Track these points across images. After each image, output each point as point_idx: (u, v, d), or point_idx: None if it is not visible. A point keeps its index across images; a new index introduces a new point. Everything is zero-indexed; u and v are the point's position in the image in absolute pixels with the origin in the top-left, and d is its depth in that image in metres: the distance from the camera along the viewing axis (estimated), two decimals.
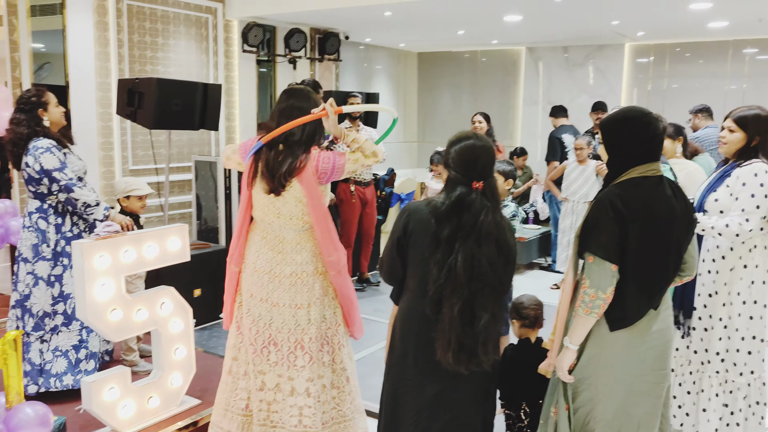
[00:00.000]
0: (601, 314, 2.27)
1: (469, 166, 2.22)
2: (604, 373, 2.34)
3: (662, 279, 2.34)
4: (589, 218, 2.30)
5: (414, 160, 10.05)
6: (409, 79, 9.80)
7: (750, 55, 7.45)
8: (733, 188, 2.89)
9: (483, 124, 5.99)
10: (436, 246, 2.20)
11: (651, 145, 2.31)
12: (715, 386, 3.02)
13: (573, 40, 8.07)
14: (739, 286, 2.93)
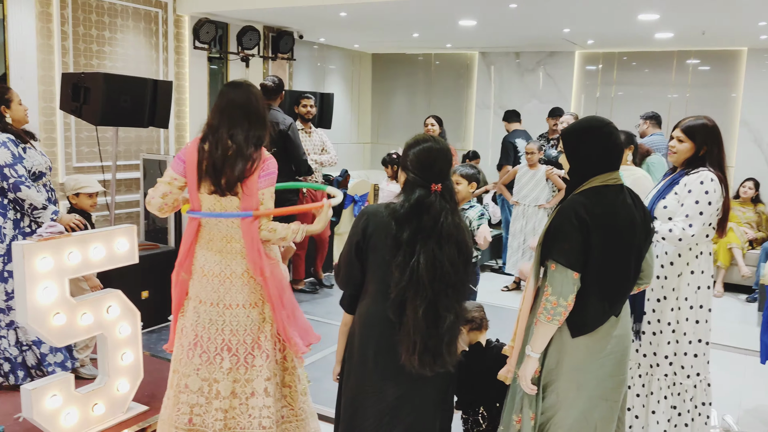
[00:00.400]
0: (562, 321, 2.29)
1: (427, 169, 2.23)
2: (566, 379, 2.36)
3: (623, 286, 2.38)
4: (552, 226, 2.32)
5: (367, 161, 10.03)
6: (363, 79, 9.79)
7: (693, 65, 7.71)
8: (681, 195, 2.96)
9: (435, 127, 6.02)
10: (397, 249, 2.19)
11: (612, 154, 2.35)
12: (663, 389, 3.10)
13: (525, 46, 8.20)
14: (686, 292, 3.01)
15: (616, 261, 2.30)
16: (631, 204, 2.36)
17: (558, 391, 2.37)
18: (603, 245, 2.25)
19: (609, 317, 2.34)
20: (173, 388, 2.74)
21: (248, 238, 2.60)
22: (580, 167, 2.38)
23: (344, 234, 7.02)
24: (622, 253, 2.32)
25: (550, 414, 2.40)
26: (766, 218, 6.83)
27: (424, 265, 2.16)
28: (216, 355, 2.67)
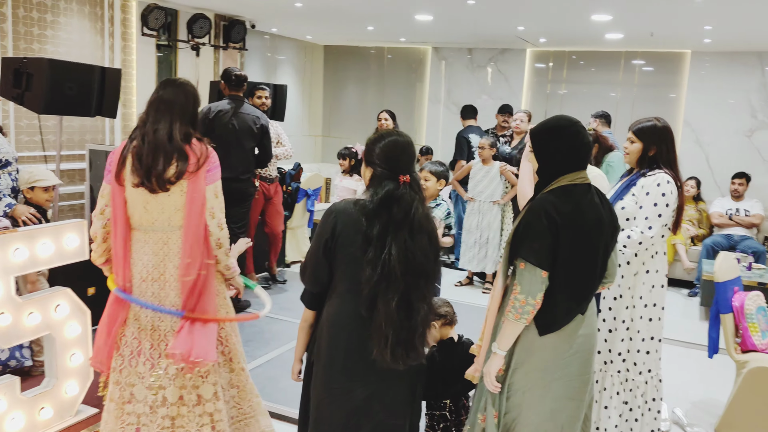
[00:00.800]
0: (530, 320, 2.30)
1: (394, 161, 2.24)
2: (533, 378, 2.37)
3: (590, 284, 2.40)
4: (522, 225, 2.33)
5: (318, 154, 9.93)
6: (315, 71, 9.67)
7: (639, 66, 7.92)
8: (638, 197, 3.02)
9: (389, 121, 5.98)
10: (367, 244, 2.17)
11: (580, 153, 2.36)
12: (616, 385, 3.16)
13: (478, 42, 8.25)
14: (641, 291, 3.07)
15: (584, 259, 2.33)
16: (599, 203, 2.38)
17: (524, 390, 2.37)
18: (571, 244, 2.27)
19: (576, 315, 2.37)
20: (115, 400, 2.60)
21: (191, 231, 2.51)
22: (548, 166, 2.38)
23: (297, 228, 6.93)
24: (590, 252, 2.34)
25: (515, 413, 2.40)
26: (707, 216, 7.08)
27: (395, 257, 2.15)
28: (159, 359, 2.56)
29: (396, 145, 2.26)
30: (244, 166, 5.05)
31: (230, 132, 4.90)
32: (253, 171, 5.20)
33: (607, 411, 3.17)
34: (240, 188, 5.04)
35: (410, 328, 2.20)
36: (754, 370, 3.55)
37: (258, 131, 5.07)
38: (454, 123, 8.77)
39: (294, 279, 6.30)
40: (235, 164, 4.90)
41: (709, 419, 3.78)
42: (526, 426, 2.39)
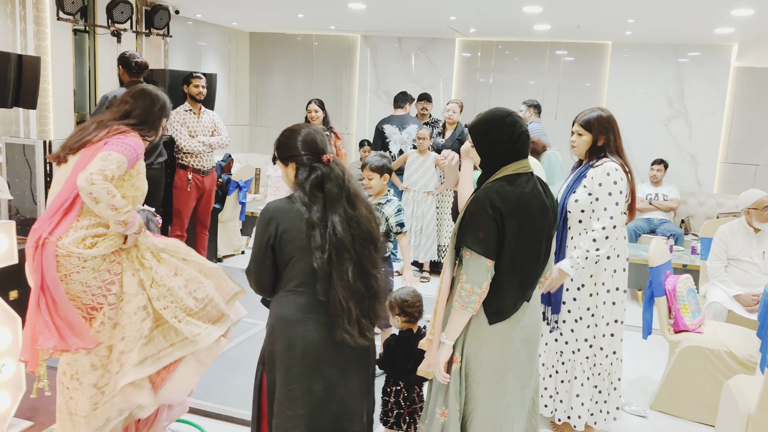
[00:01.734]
0: (477, 309, 2.32)
1: (314, 146, 2.34)
2: (487, 369, 2.39)
3: (536, 272, 2.44)
4: (467, 215, 2.35)
5: (246, 144, 9.69)
6: (241, 59, 9.41)
7: (564, 56, 8.15)
8: (591, 188, 3.10)
9: (319, 113, 5.91)
10: (312, 228, 2.22)
11: (519, 142, 2.40)
12: (586, 371, 3.26)
13: (408, 31, 8.25)
14: (603, 277, 3.17)
15: (530, 247, 2.37)
16: (541, 191, 2.43)
17: (479, 381, 2.40)
18: (517, 233, 2.31)
19: (523, 303, 2.41)
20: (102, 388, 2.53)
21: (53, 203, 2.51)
22: (490, 158, 2.42)
23: (228, 222, 6.74)
24: (535, 240, 2.39)
25: (471, 405, 2.43)
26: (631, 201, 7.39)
27: (341, 228, 2.23)
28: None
29: (309, 132, 2.36)
30: (156, 154, 4.97)
31: None
32: (163, 158, 5.12)
33: (580, 398, 3.27)
34: (152, 176, 4.91)
35: (371, 296, 2.29)
36: (686, 349, 3.74)
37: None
38: (384, 111, 8.75)
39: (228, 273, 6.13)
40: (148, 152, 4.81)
41: (645, 397, 3.96)
42: (483, 419, 2.42)
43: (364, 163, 3.99)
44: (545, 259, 2.48)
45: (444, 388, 2.45)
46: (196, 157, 5.41)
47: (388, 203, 3.89)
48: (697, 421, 3.70)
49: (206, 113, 5.53)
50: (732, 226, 4.48)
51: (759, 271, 4.35)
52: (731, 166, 7.79)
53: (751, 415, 2.75)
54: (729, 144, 7.77)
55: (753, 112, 7.65)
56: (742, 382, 3.07)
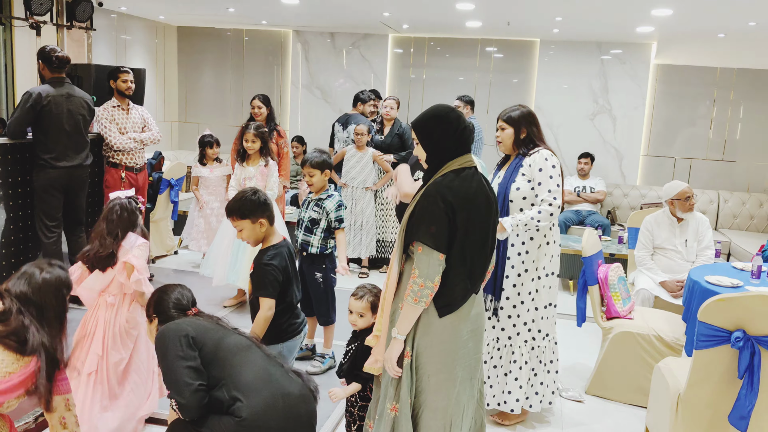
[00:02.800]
0: (429, 303, 2.35)
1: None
2: (437, 362, 2.42)
3: (484, 264, 2.50)
4: (418, 210, 2.37)
5: (176, 141, 9.43)
6: (169, 54, 9.13)
7: (494, 53, 8.32)
8: (531, 175, 3.23)
9: (263, 109, 5.81)
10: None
11: (462, 137, 2.44)
12: (525, 354, 3.37)
13: (340, 27, 8.22)
14: (543, 262, 3.31)
15: (478, 240, 2.42)
16: (485, 184, 2.49)
17: (429, 374, 2.43)
18: (466, 226, 2.35)
19: (471, 295, 2.46)
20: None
21: None
22: (435, 153, 2.45)
23: (160, 221, 6.54)
24: (483, 232, 2.44)
25: (422, 398, 2.46)
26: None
27: None
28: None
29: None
30: (87, 152, 4.83)
31: (68, 118, 4.62)
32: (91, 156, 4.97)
33: (518, 381, 3.38)
34: (82, 176, 4.84)
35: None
36: (618, 335, 3.90)
37: (91, 114, 4.86)
38: (317, 107, 8.73)
39: (161, 275, 5.97)
40: (79, 151, 4.74)
41: (581, 383, 4.11)
42: (434, 411, 2.45)
43: (304, 160, 3.97)
44: (491, 251, 2.54)
45: (395, 383, 2.46)
46: (127, 155, 5.23)
47: (329, 198, 3.91)
48: (631, 403, 3.87)
49: (135, 109, 5.35)
50: (657, 216, 4.70)
51: (682, 258, 4.58)
52: (652, 159, 8.17)
53: (681, 394, 2.91)
54: (650, 138, 8.15)
55: (671, 108, 8.05)
56: (671, 364, 3.24)
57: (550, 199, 3.18)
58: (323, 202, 3.91)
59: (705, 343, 2.78)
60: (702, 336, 2.78)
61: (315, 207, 3.94)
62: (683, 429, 2.89)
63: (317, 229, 3.93)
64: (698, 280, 3.63)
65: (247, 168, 4.94)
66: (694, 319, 3.31)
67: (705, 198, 7.80)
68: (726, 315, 2.71)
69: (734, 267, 4.04)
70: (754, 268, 3.76)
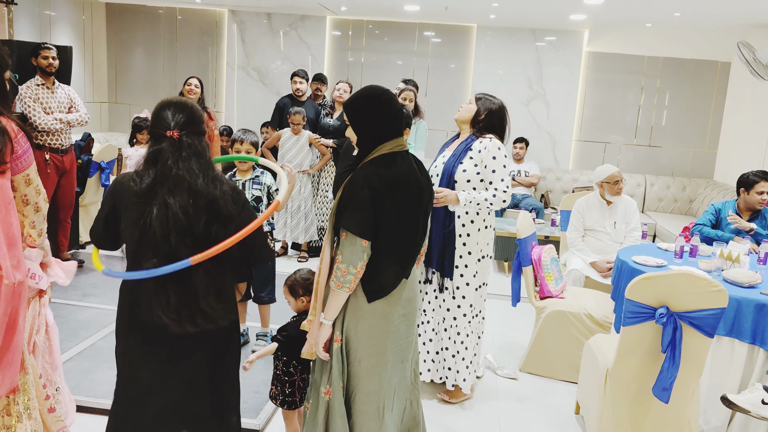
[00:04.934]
0: (353, 288, 2.35)
1: (162, 119, 2.15)
2: (367, 346, 2.44)
3: (414, 249, 2.51)
4: (344, 195, 2.35)
5: (105, 122, 9.09)
6: (97, 32, 8.77)
7: (432, 37, 8.36)
8: (480, 159, 3.31)
9: (199, 89, 5.67)
10: (135, 206, 2.10)
11: (395, 120, 2.42)
12: (470, 334, 3.47)
13: (277, 7, 8.08)
14: (482, 244, 3.41)
15: (407, 225, 2.43)
16: (416, 169, 2.49)
17: (360, 358, 2.44)
18: (394, 211, 2.35)
19: (401, 280, 2.47)
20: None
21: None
22: (367, 137, 2.42)
23: (90, 205, 6.32)
24: (412, 218, 2.44)
25: (354, 382, 2.47)
26: None
27: (155, 218, 2.06)
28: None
29: (164, 104, 2.19)
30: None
31: None
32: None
33: (465, 361, 3.48)
34: None
35: (189, 292, 2.11)
36: (551, 314, 4.03)
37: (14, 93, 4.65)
38: (254, 89, 8.57)
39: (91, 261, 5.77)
40: None
41: (515, 361, 4.23)
42: (366, 395, 2.47)
43: (240, 139, 3.93)
44: (422, 235, 2.56)
45: (327, 368, 2.47)
46: (52, 136, 5.01)
47: (263, 174, 3.94)
48: (563, 379, 4.01)
49: (61, 88, 5.13)
50: (588, 199, 4.86)
51: (611, 239, 4.76)
52: (584, 144, 8.42)
53: (609, 369, 3.03)
54: (582, 123, 8.39)
55: (602, 94, 8.30)
56: (600, 341, 3.37)
57: (504, 187, 3.28)
58: (260, 179, 3.93)
59: (631, 319, 2.90)
60: (629, 313, 2.90)
61: (254, 186, 3.93)
62: (611, 402, 3.01)
63: (262, 206, 3.93)
64: (626, 260, 3.78)
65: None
66: (622, 298, 3.46)
67: (633, 182, 8.11)
68: (651, 293, 2.83)
69: (659, 247, 4.23)
70: (677, 249, 3.95)
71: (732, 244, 4.04)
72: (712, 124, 8.17)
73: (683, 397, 2.94)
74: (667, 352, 2.85)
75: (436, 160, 3.52)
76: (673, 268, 3.66)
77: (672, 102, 8.22)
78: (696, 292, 2.77)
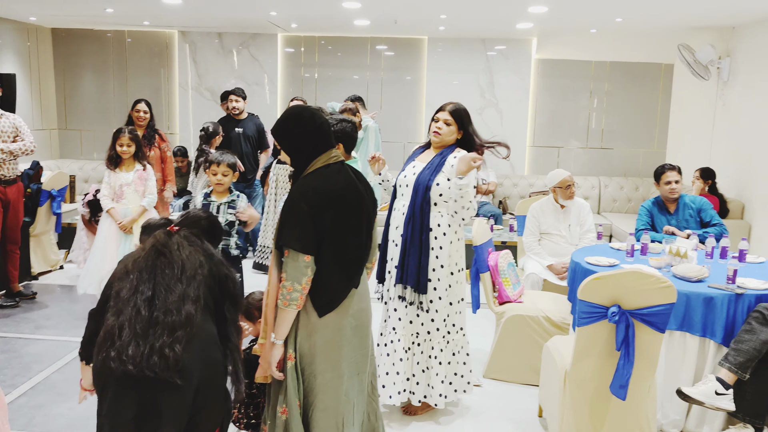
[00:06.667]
0: (301, 305, 2.35)
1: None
2: (321, 361, 2.43)
3: (360, 258, 2.51)
4: (284, 213, 2.36)
5: (56, 149, 8.90)
6: (43, 57, 8.60)
7: (384, 51, 8.43)
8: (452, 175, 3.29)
9: (148, 114, 5.62)
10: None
11: (321, 133, 2.44)
12: (444, 350, 3.42)
13: (228, 26, 8.05)
14: (456, 257, 3.38)
15: (350, 236, 2.44)
16: (354, 178, 2.50)
17: (316, 374, 2.44)
18: (336, 223, 2.36)
19: (350, 291, 2.48)
20: None
21: None
22: (299, 155, 2.45)
23: (42, 235, 6.16)
24: (355, 227, 2.46)
25: (311, 398, 2.46)
26: None
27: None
28: None
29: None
30: None
31: None
32: None
33: (439, 377, 3.41)
34: None
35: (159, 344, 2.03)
36: (510, 319, 4.07)
37: None
38: (208, 109, 8.50)
39: (45, 292, 5.63)
40: None
41: (479, 367, 4.25)
42: (323, 410, 2.46)
43: (218, 161, 3.88)
44: (368, 244, 2.57)
45: (282, 387, 2.45)
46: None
47: (239, 198, 3.94)
48: (526, 383, 4.05)
49: (5, 117, 5.01)
50: (542, 203, 4.94)
51: (567, 242, 4.84)
52: (538, 149, 8.56)
53: (567, 370, 3.07)
54: (535, 129, 8.53)
55: (553, 100, 8.46)
56: (557, 343, 3.41)
57: (475, 205, 3.30)
58: (235, 203, 3.91)
59: (585, 320, 2.95)
60: (582, 313, 2.95)
61: (229, 210, 3.89)
62: (571, 402, 3.05)
63: (234, 231, 3.91)
64: (579, 261, 3.85)
65: (121, 174, 4.82)
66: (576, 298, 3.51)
67: (587, 184, 8.27)
68: (602, 292, 2.88)
69: (612, 247, 4.31)
70: (629, 248, 4.03)
71: (680, 240, 4.14)
72: (660, 124, 8.40)
73: (640, 393, 3.00)
74: (621, 349, 2.90)
75: (404, 169, 3.48)
76: (624, 266, 3.73)
77: (621, 105, 8.42)
78: (645, 289, 2.83)
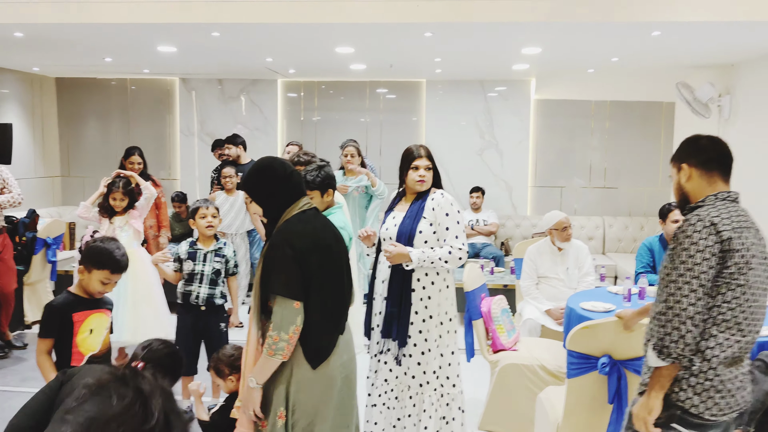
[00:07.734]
0: (287, 356, 2.27)
1: None
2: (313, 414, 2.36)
3: (343, 303, 2.48)
4: (267, 262, 2.31)
5: (58, 197, 8.94)
6: (47, 106, 8.71)
7: (383, 94, 8.46)
8: (434, 218, 3.17)
9: (142, 163, 5.65)
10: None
11: (291, 182, 2.43)
12: (435, 403, 3.26)
13: (227, 73, 8.13)
14: (446, 306, 3.23)
15: (333, 280, 2.40)
16: (328, 222, 2.50)
17: (303, 427, 2.36)
18: (319, 267, 2.32)
19: (337, 336, 2.41)
20: None
21: None
22: (272, 206, 2.43)
23: (37, 283, 6.12)
24: (337, 270, 2.42)
25: None
26: None
27: None
28: None
29: None
30: None
31: None
32: None
33: (428, 430, 3.25)
34: None
35: None
36: (505, 368, 3.93)
37: None
38: (209, 155, 8.51)
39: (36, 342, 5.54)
40: None
41: (474, 419, 4.09)
42: None
43: (205, 205, 3.89)
44: (349, 287, 2.51)
45: None
46: None
47: (226, 246, 3.91)
48: None
49: None
50: (539, 246, 4.83)
51: (565, 285, 4.71)
52: (540, 189, 8.48)
53: (559, 424, 2.93)
54: (536, 169, 8.46)
55: (554, 139, 8.41)
56: (551, 394, 3.27)
57: (459, 244, 3.12)
58: (222, 251, 3.87)
59: (575, 371, 2.82)
60: (572, 364, 2.82)
61: (216, 258, 3.84)
62: None
63: (220, 279, 3.85)
64: (574, 307, 3.73)
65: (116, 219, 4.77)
66: None
67: (591, 224, 8.14)
68: (591, 342, 2.76)
69: (609, 291, 4.19)
70: (625, 292, 3.91)
71: None
72: (664, 162, 8.30)
73: None
74: (613, 402, 2.77)
75: (385, 221, 3.37)
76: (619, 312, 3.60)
77: (623, 143, 8.35)
78: (637, 338, 2.71)
